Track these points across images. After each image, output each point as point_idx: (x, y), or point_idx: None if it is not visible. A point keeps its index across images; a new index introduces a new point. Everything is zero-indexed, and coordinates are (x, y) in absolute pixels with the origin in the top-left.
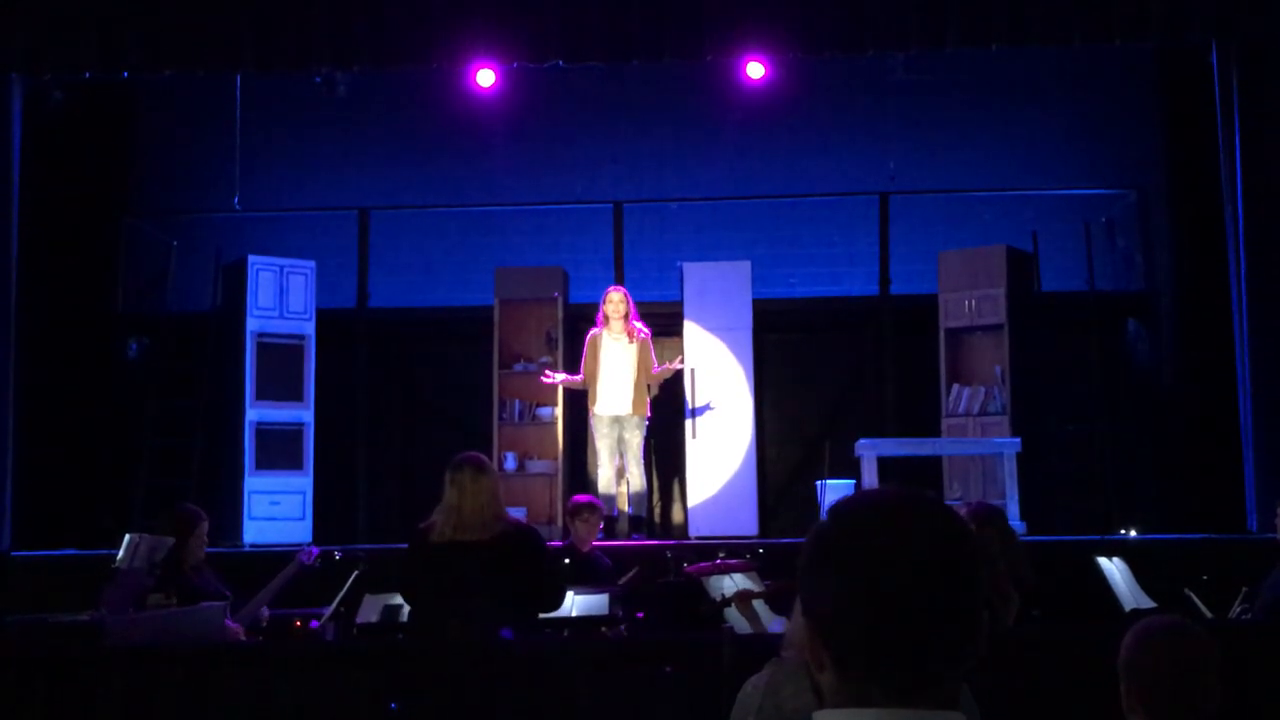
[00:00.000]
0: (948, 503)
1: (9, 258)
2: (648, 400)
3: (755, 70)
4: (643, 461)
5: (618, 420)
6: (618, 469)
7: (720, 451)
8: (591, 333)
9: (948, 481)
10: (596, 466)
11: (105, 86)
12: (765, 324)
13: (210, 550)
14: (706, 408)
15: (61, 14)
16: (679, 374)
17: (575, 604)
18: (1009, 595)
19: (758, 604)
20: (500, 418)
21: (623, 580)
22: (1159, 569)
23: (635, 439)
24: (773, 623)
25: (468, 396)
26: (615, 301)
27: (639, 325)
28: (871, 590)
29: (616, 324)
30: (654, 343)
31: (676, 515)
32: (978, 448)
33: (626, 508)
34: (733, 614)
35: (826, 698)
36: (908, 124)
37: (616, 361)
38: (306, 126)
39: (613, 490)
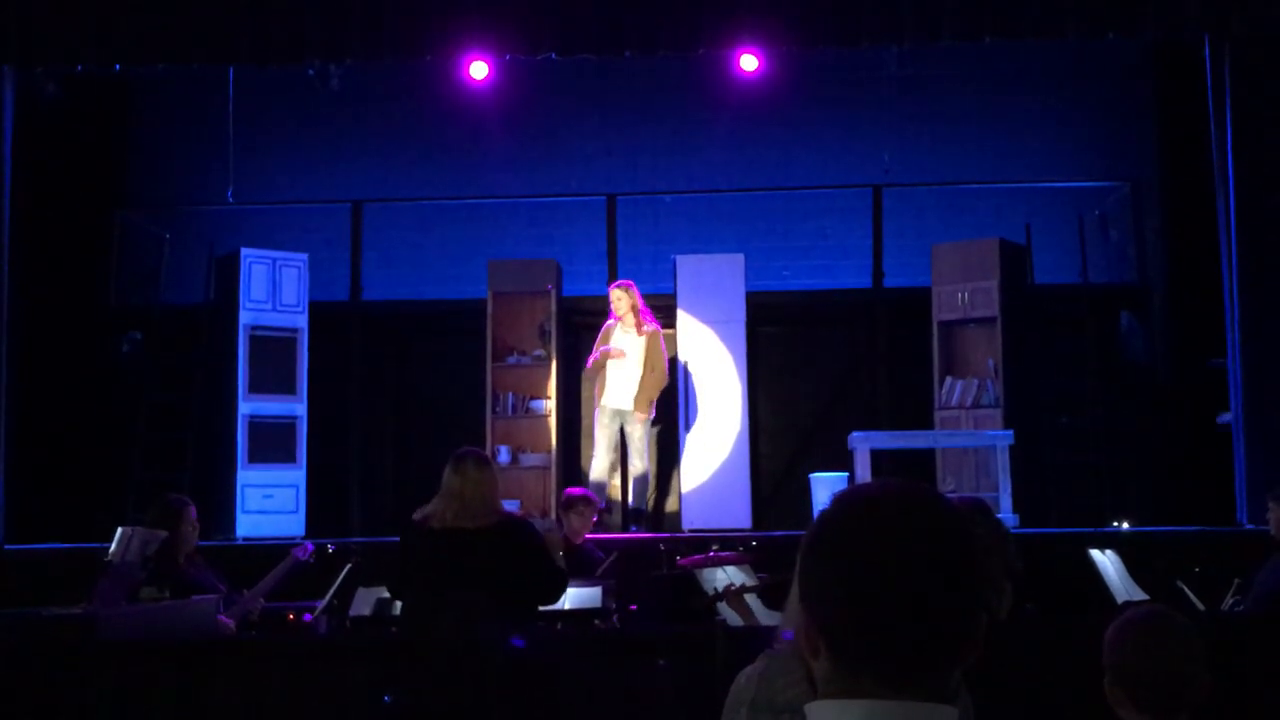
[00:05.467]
0: None
1: (1, 250)
2: (652, 400)
3: (749, 63)
4: (646, 453)
5: (619, 413)
6: (612, 462)
7: (713, 443)
8: (606, 323)
9: (941, 474)
10: (591, 457)
11: (99, 79)
12: (758, 316)
13: (203, 543)
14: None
15: (55, 6)
16: (670, 367)
17: (568, 596)
18: (1002, 588)
19: (751, 600)
20: (493, 410)
21: (601, 569)
22: (1151, 561)
23: (637, 430)
24: (784, 628)
25: (461, 389)
26: (616, 299)
27: (650, 322)
28: (869, 580)
29: (628, 319)
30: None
31: (669, 506)
32: (971, 440)
33: (619, 499)
34: (726, 609)
35: (820, 686)
36: (901, 117)
37: (623, 356)
38: (299, 119)
39: (604, 481)
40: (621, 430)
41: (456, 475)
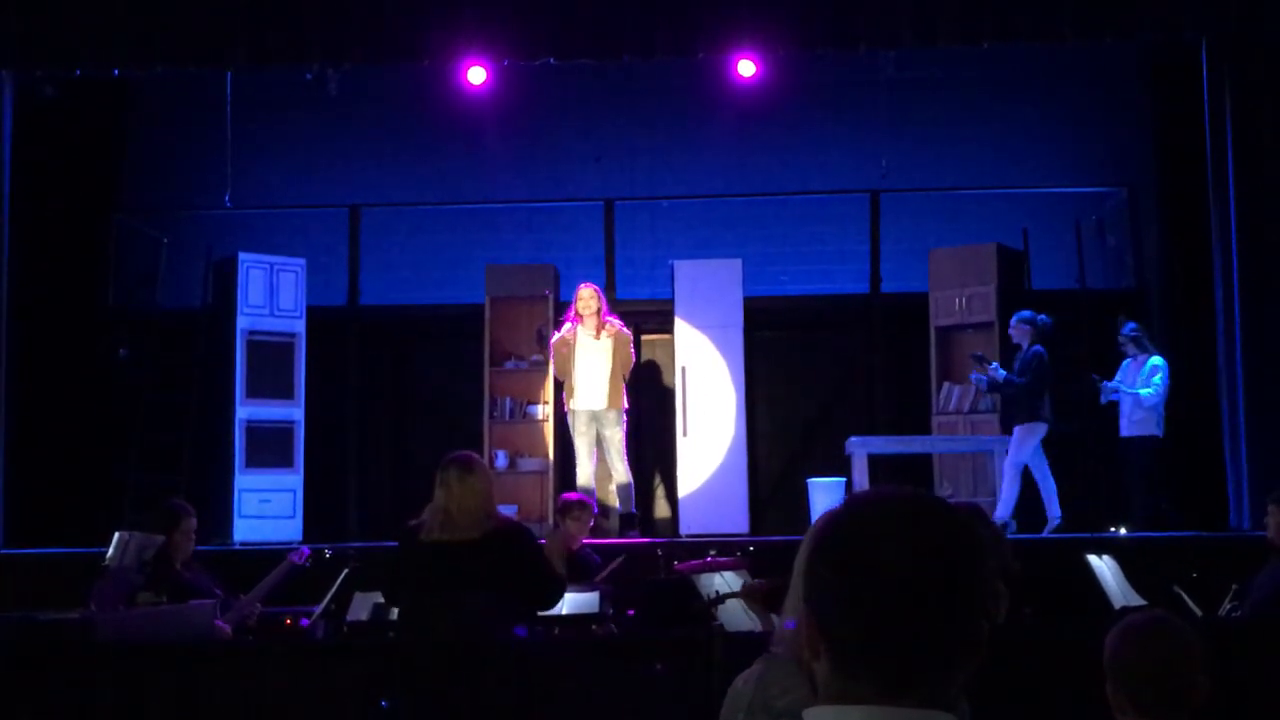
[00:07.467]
0: None
1: None
2: (624, 395)
3: (746, 68)
4: (625, 455)
5: (595, 416)
6: (596, 466)
7: (710, 448)
8: (563, 329)
9: (938, 479)
10: (575, 464)
11: (97, 83)
12: (756, 322)
13: (200, 548)
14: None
15: (53, 9)
16: (668, 371)
17: (565, 602)
18: (1000, 592)
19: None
20: (491, 415)
21: (605, 571)
22: (1149, 567)
23: (615, 434)
24: (787, 622)
25: (458, 394)
26: (585, 298)
27: (613, 320)
28: (874, 584)
29: (589, 320)
30: (644, 340)
31: (666, 512)
32: (968, 445)
33: (614, 504)
34: (724, 611)
35: (819, 690)
36: (898, 122)
37: (591, 357)
38: (298, 124)
39: (593, 486)
40: (599, 435)
41: (441, 487)
